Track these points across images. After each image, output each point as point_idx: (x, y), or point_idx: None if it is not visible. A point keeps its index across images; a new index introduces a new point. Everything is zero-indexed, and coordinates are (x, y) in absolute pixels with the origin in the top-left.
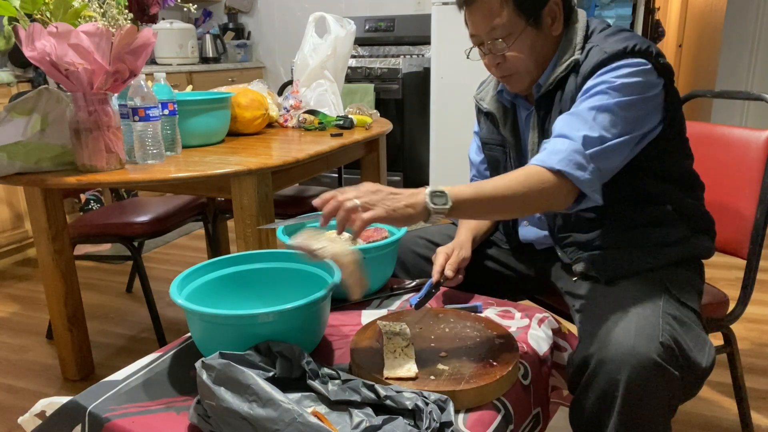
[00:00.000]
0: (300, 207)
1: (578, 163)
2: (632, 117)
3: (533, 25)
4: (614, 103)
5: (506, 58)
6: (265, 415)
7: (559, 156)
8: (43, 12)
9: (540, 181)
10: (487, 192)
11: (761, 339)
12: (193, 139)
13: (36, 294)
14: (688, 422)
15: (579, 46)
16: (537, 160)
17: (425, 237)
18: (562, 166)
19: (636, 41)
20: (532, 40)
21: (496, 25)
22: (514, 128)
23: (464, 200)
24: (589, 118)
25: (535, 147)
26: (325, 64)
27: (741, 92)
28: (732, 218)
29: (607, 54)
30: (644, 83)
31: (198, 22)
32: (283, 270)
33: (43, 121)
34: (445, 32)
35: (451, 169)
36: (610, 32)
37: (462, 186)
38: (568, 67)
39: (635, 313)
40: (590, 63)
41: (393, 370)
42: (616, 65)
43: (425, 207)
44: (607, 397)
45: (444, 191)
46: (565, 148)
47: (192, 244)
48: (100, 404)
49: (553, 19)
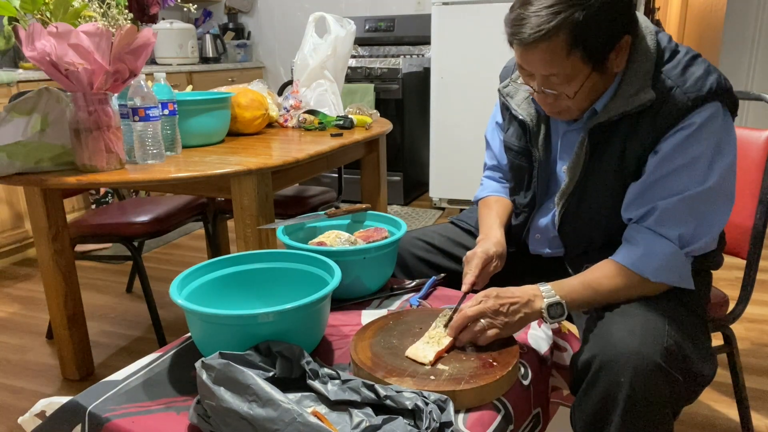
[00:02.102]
0: (300, 207)
1: (677, 271)
2: (728, 187)
3: (598, 70)
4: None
5: (560, 97)
6: (264, 415)
7: (654, 264)
8: (43, 12)
9: (640, 289)
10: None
11: (761, 339)
12: (193, 139)
13: (36, 294)
14: (688, 422)
15: (650, 75)
16: (632, 265)
17: (423, 239)
18: (659, 278)
19: (715, 77)
20: (594, 83)
21: (557, 72)
22: (546, 140)
23: (577, 306)
24: (686, 210)
25: (576, 176)
26: (325, 64)
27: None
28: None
29: (690, 101)
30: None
31: (198, 22)
32: (283, 270)
33: (43, 121)
34: (445, 32)
35: (451, 169)
36: (685, 62)
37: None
38: (641, 106)
39: (641, 316)
40: (673, 110)
41: (414, 351)
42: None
43: (542, 318)
44: (610, 398)
45: (561, 302)
46: (663, 253)
47: (192, 244)
48: (100, 404)
49: (618, 54)
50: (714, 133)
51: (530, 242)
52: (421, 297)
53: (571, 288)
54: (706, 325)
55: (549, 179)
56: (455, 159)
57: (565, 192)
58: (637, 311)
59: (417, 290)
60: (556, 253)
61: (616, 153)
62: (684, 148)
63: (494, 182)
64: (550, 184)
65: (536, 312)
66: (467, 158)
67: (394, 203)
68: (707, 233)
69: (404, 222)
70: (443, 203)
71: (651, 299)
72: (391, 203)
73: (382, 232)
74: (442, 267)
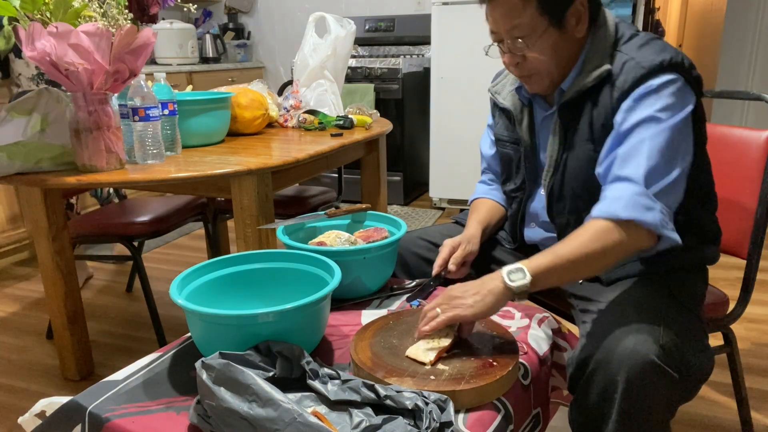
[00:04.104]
0: (300, 207)
1: (644, 205)
2: (684, 143)
3: (556, 26)
4: (666, 133)
5: (526, 59)
6: (264, 415)
7: (622, 203)
8: (43, 12)
9: (611, 235)
10: (564, 256)
11: (761, 339)
12: (193, 139)
13: (36, 294)
14: (688, 422)
15: (608, 53)
16: (601, 212)
17: (425, 238)
18: (629, 213)
19: (671, 53)
20: (554, 41)
21: (517, 24)
22: (530, 128)
23: (543, 270)
24: (644, 155)
25: (555, 153)
26: (325, 64)
27: (741, 92)
28: (732, 218)
29: (644, 69)
30: (682, 103)
31: (198, 22)
32: (283, 270)
33: (43, 121)
34: (445, 32)
35: (451, 169)
36: (642, 41)
37: (537, 256)
38: (598, 78)
39: (637, 314)
40: (628, 79)
41: (415, 351)
42: (657, 86)
43: (505, 287)
44: (606, 397)
45: (521, 266)
46: (627, 192)
47: (192, 244)
48: (100, 404)
49: (578, 20)
50: (670, 96)
51: (526, 233)
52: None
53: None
54: (702, 322)
55: (536, 167)
56: (455, 159)
57: (548, 172)
58: (632, 310)
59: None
60: (550, 238)
61: (586, 126)
62: (641, 106)
63: (484, 185)
64: (537, 171)
65: (498, 285)
66: (467, 158)
67: (394, 203)
68: (667, 177)
69: (404, 222)
70: (443, 203)
71: (646, 298)
72: (391, 203)
73: (382, 232)
74: None
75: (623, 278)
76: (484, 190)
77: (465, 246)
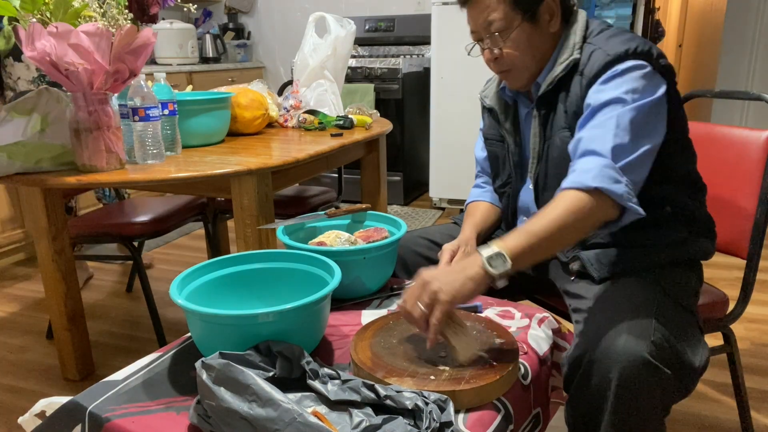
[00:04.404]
0: (300, 207)
1: (612, 177)
2: (651, 123)
3: (529, 21)
4: (632, 112)
5: (503, 54)
6: (264, 415)
7: (591, 174)
8: (43, 12)
9: (582, 204)
10: (538, 233)
11: (761, 339)
12: (193, 139)
13: (36, 294)
14: (687, 422)
15: (578, 45)
16: (570, 183)
17: (426, 237)
18: (598, 182)
19: (637, 43)
20: (528, 35)
21: (492, 20)
22: (515, 124)
23: (521, 252)
24: (611, 131)
25: (537, 146)
26: (325, 64)
27: (741, 92)
28: (732, 218)
29: (610, 56)
30: (651, 87)
31: (198, 22)
32: (283, 270)
33: (43, 121)
34: (445, 32)
35: (451, 169)
36: (610, 33)
37: (511, 236)
38: (567, 67)
39: (628, 312)
40: (594, 66)
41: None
42: (622, 70)
43: (486, 273)
44: (600, 395)
45: (499, 251)
46: (596, 164)
47: (192, 244)
48: (100, 404)
49: (551, 15)
50: (636, 80)
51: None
52: None
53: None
54: (695, 316)
55: (522, 161)
56: (455, 159)
57: (533, 164)
58: (624, 307)
59: None
60: None
61: (561, 115)
62: (607, 88)
63: (478, 188)
64: (524, 165)
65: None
66: (467, 158)
67: (394, 203)
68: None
69: (404, 222)
70: (443, 203)
71: (638, 296)
72: (391, 203)
73: (382, 232)
74: None
75: (615, 276)
76: (478, 193)
77: (464, 249)
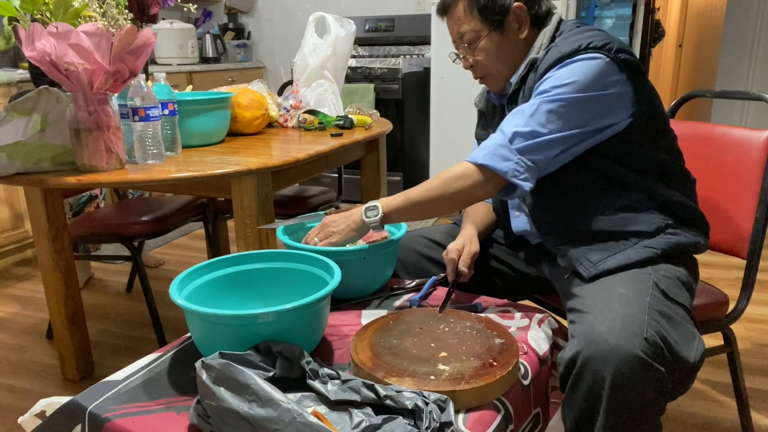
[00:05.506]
0: (300, 207)
1: (502, 155)
2: (576, 113)
3: (497, 30)
4: (557, 100)
5: (476, 61)
6: (264, 415)
7: (485, 151)
8: (43, 12)
9: (465, 176)
10: (413, 197)
11: (761, 339)
12: (193, 139)
13: (36, 294)
14: (687, 422)
15: (544, 46)
16: (469, 157)
17: (426, 236)
18: (485, 160)
19: (592, 39)
20: (497, 44)
21: (463, 32)
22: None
23: (394, 208)
24: (527, 115)
25: None
26: (325, 64)
27: (741, 92)
28: (732, 218)
29: (561, 53)
30: (597, 80)
31: (198, 22)
32: (283, 270)
33: (43, 121)
34: (445, 32)
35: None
36: (575, 32)
37: (394, 196)
38: (527, 67)
39: (621, 309)
40: (546, 62)
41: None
42: (567, 62)
43: (362, 220)
44: (594, 394)
45: (377, 204)
46: (493, 143)
47: (192, 244)
48: (100, 404)
49: (519, 23)
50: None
51: (513, 223)
52: (421, 297)
53: (393, 196)
54: (689, 312)
55: None
56: (455, 159)
57: None
58: (617, 305)
59: (417, 290)
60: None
61: None
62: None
63: None
64: None
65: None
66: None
67: None
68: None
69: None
70: None
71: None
72: None
73: (382, 232)
74: (443, 263)
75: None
76: None
77: (468, 247)
